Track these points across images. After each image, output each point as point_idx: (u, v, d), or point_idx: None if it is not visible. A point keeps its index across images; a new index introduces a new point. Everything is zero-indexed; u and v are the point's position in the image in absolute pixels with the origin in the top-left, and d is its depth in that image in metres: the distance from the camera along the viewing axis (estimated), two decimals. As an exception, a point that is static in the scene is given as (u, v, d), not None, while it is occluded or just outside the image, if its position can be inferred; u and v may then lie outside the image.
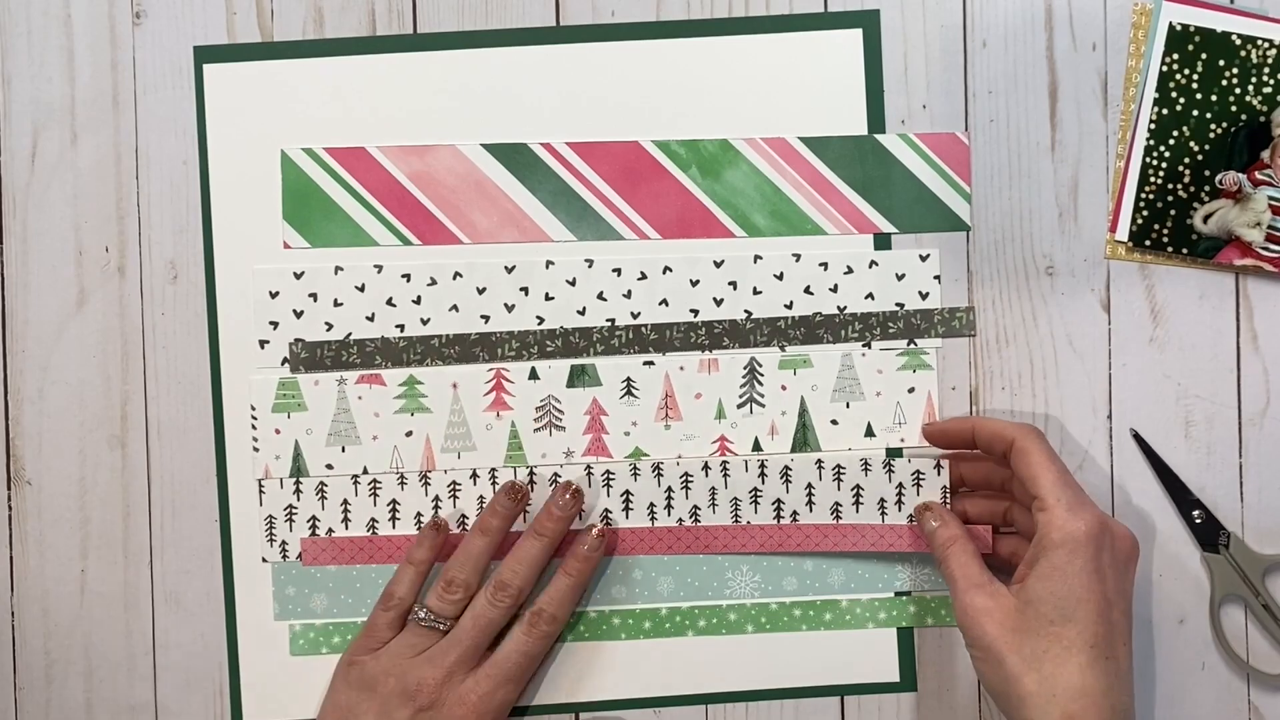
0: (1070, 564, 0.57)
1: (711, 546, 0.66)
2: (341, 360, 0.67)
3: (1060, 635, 0.57)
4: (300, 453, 0.67)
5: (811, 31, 0.67)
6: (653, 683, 0.67)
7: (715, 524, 0.67)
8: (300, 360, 0.67)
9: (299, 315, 0.67)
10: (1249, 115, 0.65)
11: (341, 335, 0.67)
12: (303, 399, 0.67)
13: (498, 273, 0.67)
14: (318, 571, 0.67)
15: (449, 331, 0.67)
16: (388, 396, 0.67)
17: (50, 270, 0.68)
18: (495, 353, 0.67)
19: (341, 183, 0.67)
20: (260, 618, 0.67)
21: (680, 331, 0.67)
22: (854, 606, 0.67)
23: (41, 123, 0.67)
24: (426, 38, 0.67)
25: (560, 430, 0.67)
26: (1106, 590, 0.58)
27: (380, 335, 0.67)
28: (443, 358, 0.67)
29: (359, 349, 0.67)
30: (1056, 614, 0.57)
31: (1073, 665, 0.56)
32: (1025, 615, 0.58)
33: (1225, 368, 0.67)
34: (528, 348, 0.67)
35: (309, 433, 0.67)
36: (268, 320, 0.67)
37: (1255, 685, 0.67)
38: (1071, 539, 0.58)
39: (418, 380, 0.67)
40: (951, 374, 0.67)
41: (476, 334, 0.67)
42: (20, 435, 0.68)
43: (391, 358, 0.67)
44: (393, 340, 0.67)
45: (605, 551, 0.66)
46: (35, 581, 0.68)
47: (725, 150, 0.67)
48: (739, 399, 0.67)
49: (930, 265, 0.67)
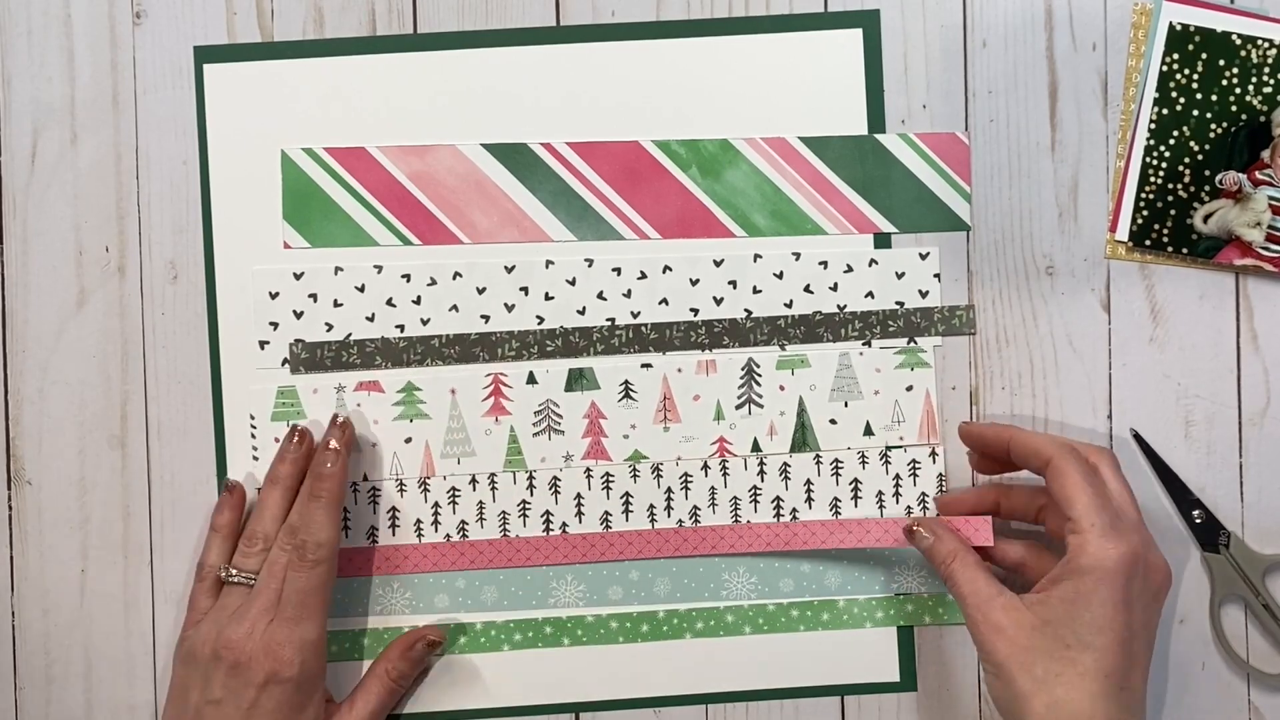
0: (1097, 591, 0.56)
1: (718, 548, 0.66)
2: (341, 360, 0.67)
3: (1076, 661, 0.55)
4: None
5: (811, 31, 0.67)
6: (653, 683, 0.67)
7: (715, 524, 0.67)
8: (300, 361, 0.67)
9: (299, 316, 0.67)
10: (1249, 115, 0.65)
11: (341, 335, 0.67)
12: (302, 407, 0.67)
13: (497, 273, 0.67)
14: None
15: (449, 331, 0.67)
16: (386, 403, 0.67)
17: (50, 270, 0.68)
18: (495, 352, 0.67)
19: (342, 183, 0.67)
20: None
21: (680, 330, 0.67)
22: (851, 606, 0.67)
23: (41, 123, 0.67)
24: (426, 38, 0.67)
25: (559, 434, 0.67)
26: (1132, 621, 0.56)
27: (380, 335, 0.67)
28: (443, 358, 0.67)
29: (359, 349, 0.67)
30: (1074, 639, 0.56)
31: (1084, 693, 0.55)
32: (1042, 635, 0.56)
33: (1225, 368, 0.67)
34: (528, 347, 0.67)
35: None
36: (268, 321, 0.67)
37: (1255, 685, 0.67)
38: (1101, 567, 0.56)
39: (416, 386, 0.67)
40: (951, 374, 0.67)
41: (476, 334, 0.67)
42: (20, 435, 0.68)
43: (392, 358, 0.67)
44: (393, 340, 0.67)
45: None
46: (35, 581, 0.68)
47: (725, 150, 0.67)
48: (737, 400, 0.67)
49: (930, 264, 0.67)
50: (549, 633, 0.67)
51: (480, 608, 0.67)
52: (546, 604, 0.67)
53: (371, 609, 0.67)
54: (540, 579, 0.67)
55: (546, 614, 0.67)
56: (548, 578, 0.67)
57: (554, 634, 0.67)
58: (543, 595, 0.67)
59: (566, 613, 0.67)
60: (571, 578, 0.67)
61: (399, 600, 0.67)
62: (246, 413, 0.67)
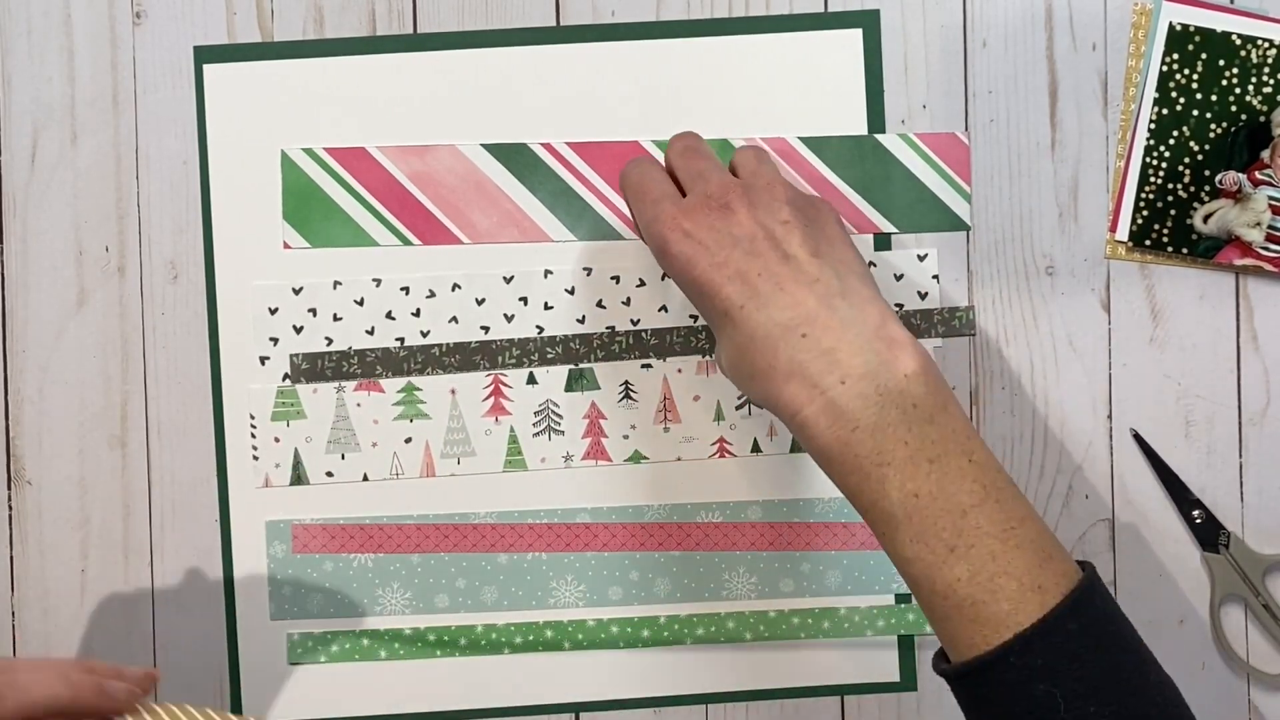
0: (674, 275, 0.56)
1: (720, 545, 0.66)
2: (342, 370, 0.67)
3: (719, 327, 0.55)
4: (300, 460, 0.67)
5: (811, 32, 0.67)
6: (652, 683, 0.67)
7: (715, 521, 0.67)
8: (301, 372, 0.67)
9: (299, 331, 0.67)
10: (1249, 115, 0.65)
11: (342, 349, 0.67)
12: (301, 407, 0.67)
13: (496, 284, 0.67)
14: (313, 569, 0.67)
15: (449, 340, 0.67)
16: (386, 403, 0.67)
17: (50, 270, 0.68)
18: (495, 360, 0.67)
19: (341, 183, 0.67)
20: (260, 619, 0.67)
21: (680, 336, 0.67)
22: (852, 614, 0.67)
23: (41, 123, 0.68)
24: (426, 38, 0.67)
25: (559, 434, 0.67)
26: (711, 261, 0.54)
27: (381, 346, 0.67)
28: (443, 366, 0.67)
29: (359, 359, 0.67)
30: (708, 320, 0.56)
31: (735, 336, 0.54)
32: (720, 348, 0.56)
33: (1225, 368, 0.67)
34: (528, 355, 0.67)
35: (308, 440, 0.67)
36: (268, 337, 0.67)
37: (1255, 685, 0.67)
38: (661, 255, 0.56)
39: (416, 387, 0.67)
40: (951, 374, 0.67)
41: (477, 343, 0.67)
42: (20, 435, 0.68)
43: (392, 367, 0.67)
44: (393, 350, 0.67)
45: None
46: (35, 581, 0.68)
47: (725, 150, 0.67)
48: (738, 400, 0.67)
49: (929, 265, 0.67)
50: (550, 636, 0.67)
51: (480, 608, 0.67)
52: (546, 604, 0.67)
53: (371, 610, 0.67)
54: (540, 579, 0.67)
55: (547, 616, 0.67)
56: (547, 577, 0.67)
57: (555, 638, 0.67)
58: (543, 595, 0.67)
59: (567, 615, 0.67)
60: (571, 578, 0.67)
61: (399, 600, 0.67)
62: (247, 412, 0.67)
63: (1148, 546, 0.67)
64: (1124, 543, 0.67)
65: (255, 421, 0.67)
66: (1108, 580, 0.67)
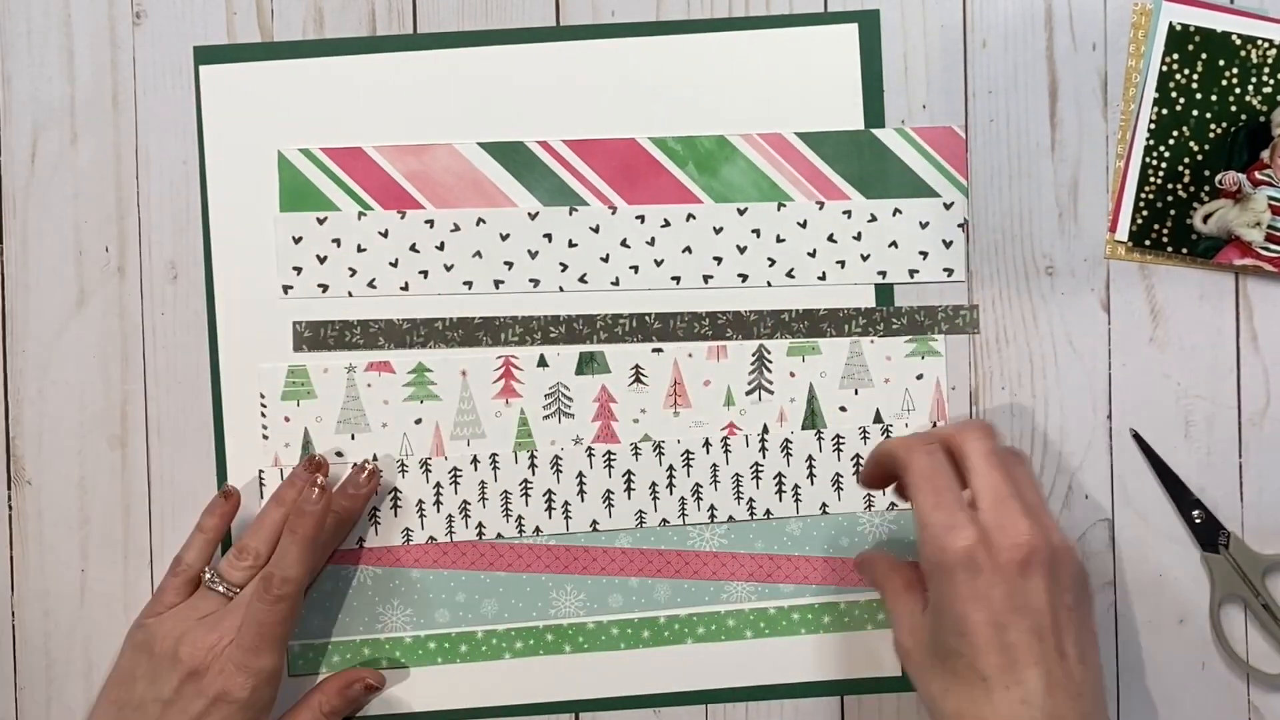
0: (943, 593, 0.55)
1: (718, 574, 0.67)
2: (345, 340, 0.67)
3: (954, 669, 0.55)
4: (310, 440, 0.67)
5: (807, 27, 0.67)
6: (652, 683, 0.67)
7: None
8: (304, 340, 0.67)
9: (322, 261, 0.67)
10: (1249, 115, 0.65)
11: (366, 280, 0.67)
12: (312, 386, 0.67)
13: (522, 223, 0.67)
14: (312, 588, 0.67)
15: (452, 315, 0.67)
16: (397, 384, 0.67)
17: (50, 270, 0.68)
18: (499, 337, 0.67)
19: (338, 182, 0.67)
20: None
21: (684, 321, 0.67)
22: (853, 609, 0.67)
23: (41, 123, 0.68)
24: (426, 37, 0.67)
25: (569, 417, 0.67)
26: (993, 614, 0.54)
27: (384, 318, 0.67)
28: (446, 341, 0.67)
29: (362, 329, 0.67)
30: (945, 648, 0.55)
31: (966, 699, 0.54)
32: (930, 651, 0.56)
33: (1225, 368, 0.67)
34: (531, 333, 0.67)
35: (318, 420, 0.67)
36: (291, 266, 0.67)
37: (1255, 685, 0.67)
38: (938, 567, 0.55)
39: (427, 368, 0.67)
40: (952, 374, 0.67)
41: (480, 318, 0.67)
42: (20, 435, 0.68)
43: (395, 339, 0.67)
44: (396, 323, 0.67)
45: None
46: (35, 581, 0.68)
47: (722, 146, 0.67)
48: (748, 386, 0.67)
49: (954, 213, 0.67)
50: (550, 640, 0.67)
51: (481, 621, 0.67)
52: (547, 615, 0.67)
53: (372, 627, 0.67)
54: (540, 590, 0.67)
55: (548, 623, 0.67)
56: (547, 589, 0.67)
57: (555, 641, 0.67)
58: (543, 607, 0.67)
59: (568, 620, 0.67)
60: (571, 587, 0.67)
61: (400, 617, 0.67)
62: (251, 397, 0.67)
63: (1148, 546, 0.67)
64: (1124, 543, 0.67)
65: (265, 401, 0.67)
66: (1108, 580, 0.67)
